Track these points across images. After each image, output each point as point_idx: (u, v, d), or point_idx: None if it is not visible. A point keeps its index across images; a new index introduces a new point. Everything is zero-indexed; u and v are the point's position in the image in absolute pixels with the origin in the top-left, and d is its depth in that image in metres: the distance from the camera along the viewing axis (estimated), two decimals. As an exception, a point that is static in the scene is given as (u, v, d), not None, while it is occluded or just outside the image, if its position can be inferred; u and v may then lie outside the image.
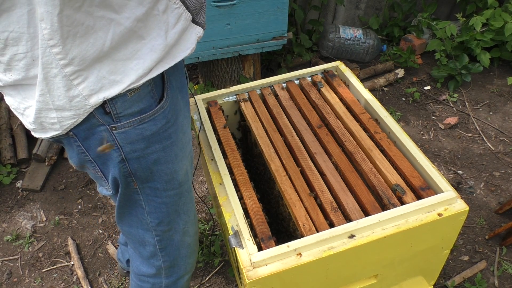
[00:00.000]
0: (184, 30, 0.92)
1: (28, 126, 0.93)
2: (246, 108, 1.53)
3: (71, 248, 2.05)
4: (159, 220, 1.14)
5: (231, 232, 1.15)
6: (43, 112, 0.87)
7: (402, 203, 1.18)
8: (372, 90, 2.85)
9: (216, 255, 1.96)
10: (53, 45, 0.76)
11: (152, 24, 0.85)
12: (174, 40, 0.90)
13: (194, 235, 1.30)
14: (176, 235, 1.21)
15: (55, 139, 0.96)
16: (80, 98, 0.84)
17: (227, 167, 1.30)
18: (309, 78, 1.64)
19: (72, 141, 0.95)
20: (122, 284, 1.92)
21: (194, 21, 0.94)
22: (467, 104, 2.72)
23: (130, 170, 1.01)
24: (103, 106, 0.89)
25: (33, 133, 0.95)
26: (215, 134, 1.43)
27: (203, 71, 2.69)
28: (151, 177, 1.05)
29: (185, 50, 0.94)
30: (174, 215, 1.16)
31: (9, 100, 0.92)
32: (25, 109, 0.90)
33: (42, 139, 2.44)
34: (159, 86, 0.97)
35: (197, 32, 0.96)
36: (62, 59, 0.78)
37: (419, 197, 1.20)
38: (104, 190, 1.09)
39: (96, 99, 0.85)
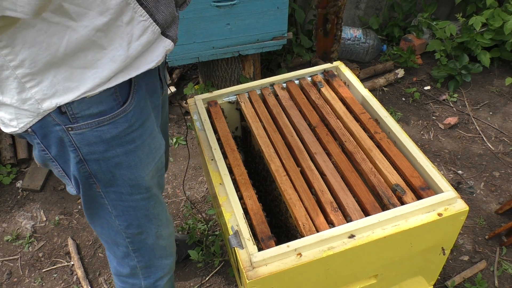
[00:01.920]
0: (150, 43, 0.89)
1: None
2: (246, 108, 1.53)
3: (71, 248, 2.05)
4: (128, 223, 1.13)
5: (231, 232, 1.15)
6: (1, 107, 0.87)
7: (402, 203, 1.18)
8: (372, 90, 2.85)
9: (216, 255, 1.96)
10: (2, 46, 0.76)
11: (115, 35, 0.83)
12: (137, 52, 0.87)
13: (168, 237, 1.28)
14: (149, 239, 1.20)
15: (19, 135, 0.96)
16: (32, 101, 0.84)
17: (227, 167, 1.30)
18: (309, 78, 1.63)
19: (32, 138, 0.94)
20: (122, 284, 1.92)
21: (164, 33, 0.92)
22: (467, 104, 2.72)
23: (90, 171, 0.99)
24: (59, 106, 0.88)
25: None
26: (215, 134, 1.43)
27: (203, 71, 2.69)
28: (114, 181, 1.03)
29: (150, 62, 0.92)
30: (144, 220, 1.15)
31: None
32: None
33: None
34: (125, 88, 0.94)
35: (166, 45, 0.93)
36: (12, 61, 0.78)
37: (419, 197, 1.20)
38: (71, 189, 1.08)
39: (49, 104, 0.85)
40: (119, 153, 0.99)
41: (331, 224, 1.16)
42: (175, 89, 2.75)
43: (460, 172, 2.30)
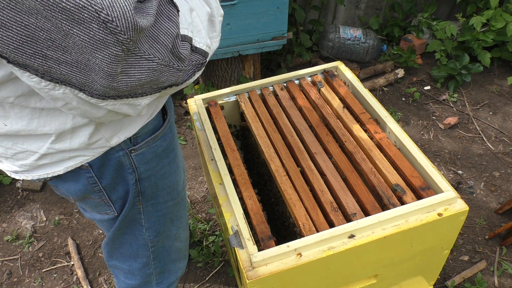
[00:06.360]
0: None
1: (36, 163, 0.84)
2: (246, 108, 1.53)
3: (71, 248, 2.05)
4: (157, 232, 1.13)
5: (231, 232, 1.15)
6: (49, 156, 0.83)
7: (402, 203, 1.18)
8: (372, 90, 2.85)
9: (216, 255, 1.96)
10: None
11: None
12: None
13: (185, 241, 1.28)
14: (167, 241, 1.19)
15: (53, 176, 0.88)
16: (102, 141, 0.84)
17: (227, 167, 1.30)
18: (309, 78, 1.63)
19: (82, 173, 0.89)
20: (122, 284, 1.92)
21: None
22: (467, 104, 2.72)
23: (139, 189, 0.99)
24: None
25: (28, 174, 0.86)
26: (215, 134, 1.43)
27: (203, 71, 2.69)
28: (156, 193, 1.03)
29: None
30: (168, 223, 1.15)
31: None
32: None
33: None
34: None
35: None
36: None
37: (419, 197, 1.20)
38: (98, 215, 1.03)
39: (117, 140, 0.86)
40: (165, 164, 1.01)
41: (331, 224, 1.16)
42: (175, 89, 2.75)
43: (460, 172, 2.30)
